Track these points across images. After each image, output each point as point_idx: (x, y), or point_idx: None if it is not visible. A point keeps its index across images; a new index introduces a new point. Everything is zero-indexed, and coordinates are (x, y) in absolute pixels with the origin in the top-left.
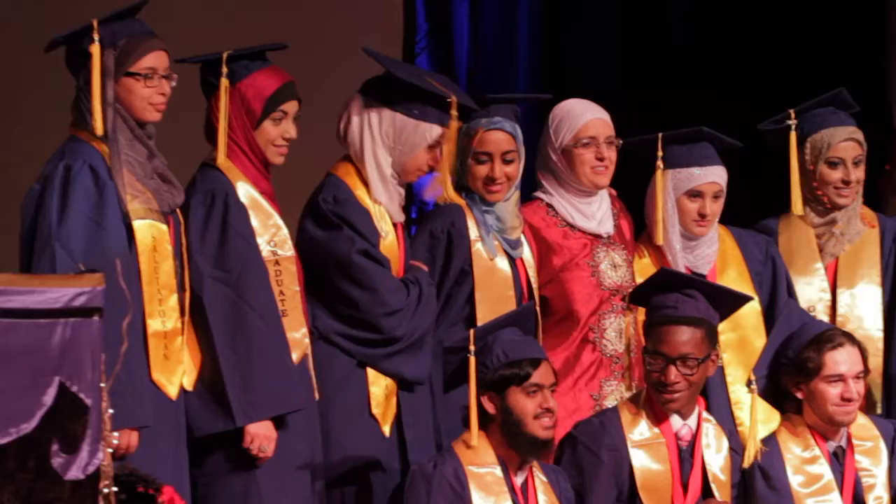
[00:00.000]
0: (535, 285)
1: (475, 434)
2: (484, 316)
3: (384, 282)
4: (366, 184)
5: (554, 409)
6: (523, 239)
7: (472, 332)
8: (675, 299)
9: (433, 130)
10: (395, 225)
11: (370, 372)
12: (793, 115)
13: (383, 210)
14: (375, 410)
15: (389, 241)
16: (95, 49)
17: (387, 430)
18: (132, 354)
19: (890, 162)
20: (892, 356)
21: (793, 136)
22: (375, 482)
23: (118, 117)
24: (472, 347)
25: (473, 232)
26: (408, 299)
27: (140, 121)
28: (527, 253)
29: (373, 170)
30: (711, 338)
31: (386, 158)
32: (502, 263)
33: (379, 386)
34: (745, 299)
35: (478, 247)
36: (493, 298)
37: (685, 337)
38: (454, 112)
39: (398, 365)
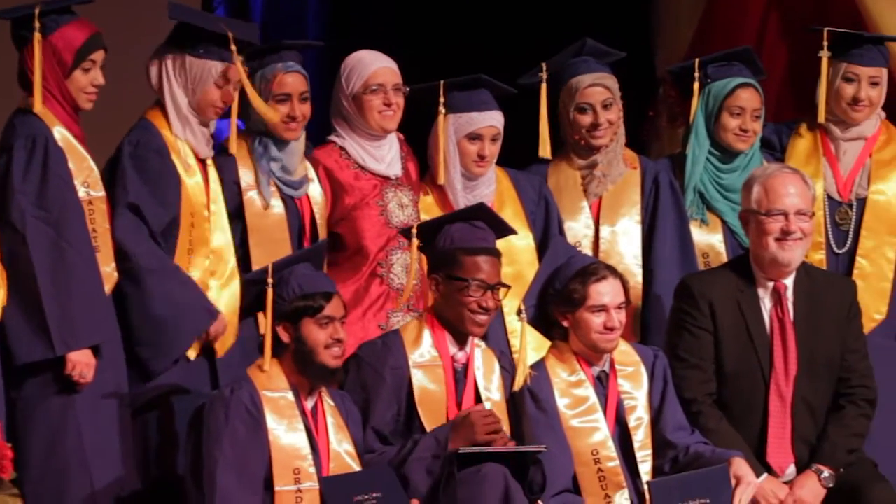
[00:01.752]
0: (320, 221)
1: (268, 360)
2: (258, 257)
3: (138, 243)
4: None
5: (343, 340)
6: (313, 174)
7: (270, 265)
8: (486, 233)
9: (216, 67)
10: (203, 162)
11: None
12: (544, 68)
13: (188, 149)
14: None
15: (195, 182)
16: None
17: (191, 353)
18: None
19: (653, 109)
20: (650, 289)
21: (544, 87)
22: (178, 407)
23: None
24: (269, 280)
25: (245, 181)
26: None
27: None
28: (313, 190)
29: (172, 110)
30: None
31: (182, 98)
32: (277, 208)
33: None
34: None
35: (250, 195)
36: (267, 241)
37: (498, 266)
38: (233, 47)
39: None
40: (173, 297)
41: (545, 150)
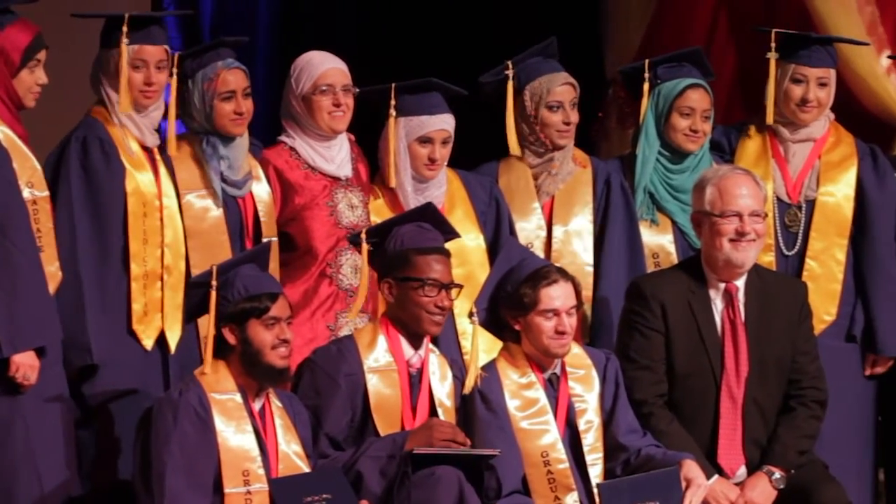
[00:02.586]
0: (265, 220)
1: (209, 363)
2: (196, 261)
3: (70, 232)
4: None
5: (290, 340)
6: (260, 173)
7: (214, 267)
8: (435, 234)
9: (122, 50)
10: (151, 154)
11: (133, 288)
12: (510, 66)
13: (132, 140)
14: (136, 327)
15: (144, 173)
16: None
17: (148, 344)
18: None
19: (602, 110)
20: (599, 290)
21: (510, 85)
22: (123, 409)
23: None
24: (213, 282)
25: (183, 183)
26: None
27: None
28: (259, 189)
29: (109, 105)
30: None
31: (111, 92)
32: (215, 210)
33: (139, 303)
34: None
35: (187, 198)
36: (205, 244)
37: (449, 266)
38: (125, 28)
39: None
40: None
41: (515, 147)
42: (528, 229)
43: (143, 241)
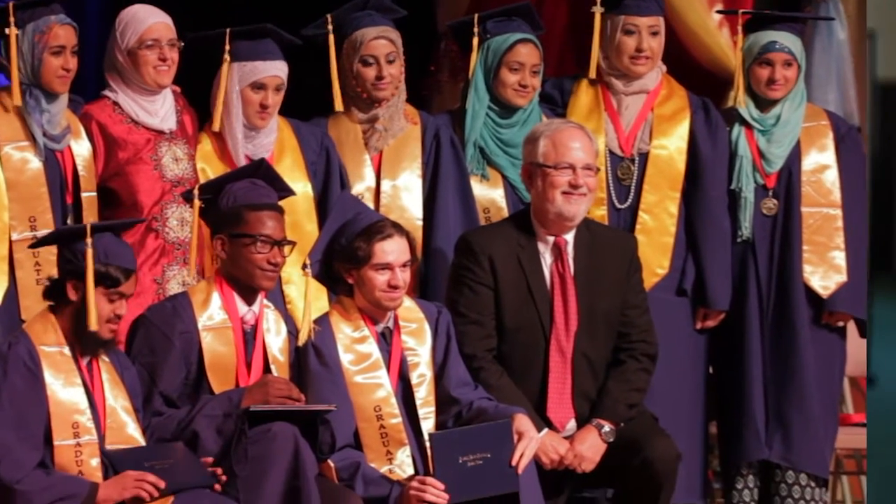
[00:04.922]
0: (85, 175)
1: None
2: (16, 213)
3: None
4: None
5: (122, 317)
6: (80, 128)
7: (89, 225)
8: (269, 190)
9: None
10: None
11: None
12: (330, 20)
13: None
14: None
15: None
16: None
17: None
18: None
19: (434, 63)
20: (431, 244)
21: (331, 38)
22: None
23: None
24: (88, 240)
25: (3, 135)
26: None
27: None
28: (77, 144)
29: None
30: None
31: None
32: (35, 163)
33: None
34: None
35: (6, 150)
36: (24, 197)
37: (282, 222)
38: None
39: None
40: None
41: (339, 103)
42: (358, 184)
43: None
